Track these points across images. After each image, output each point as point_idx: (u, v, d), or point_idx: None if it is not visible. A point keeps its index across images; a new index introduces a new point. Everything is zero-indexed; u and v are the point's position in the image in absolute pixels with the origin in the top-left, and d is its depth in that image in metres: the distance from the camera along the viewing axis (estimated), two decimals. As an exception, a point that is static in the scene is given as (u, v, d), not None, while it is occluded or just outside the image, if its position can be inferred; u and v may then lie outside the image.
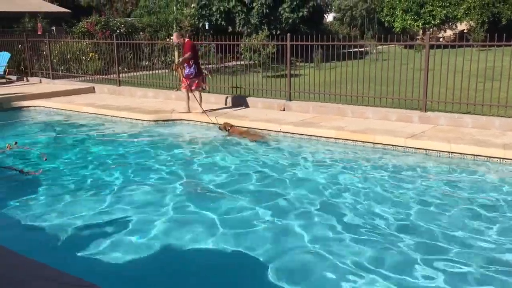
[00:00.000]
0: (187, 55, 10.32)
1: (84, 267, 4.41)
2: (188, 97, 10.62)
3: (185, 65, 10.49)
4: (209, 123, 10.03)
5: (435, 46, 9.97)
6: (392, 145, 7.96)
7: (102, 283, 3.34)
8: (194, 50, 10.62)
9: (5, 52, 16.42)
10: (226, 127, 9.47)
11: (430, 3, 31.54)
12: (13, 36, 17.12)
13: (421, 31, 32.59)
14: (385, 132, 8.36)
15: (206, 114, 10.21)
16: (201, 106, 10.53)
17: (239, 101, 11.59)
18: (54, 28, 18.54)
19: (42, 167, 7.19)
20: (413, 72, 10.04)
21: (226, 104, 11.69)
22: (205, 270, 4.48)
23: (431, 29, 30.76)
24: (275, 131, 9.28)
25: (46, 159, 7.30)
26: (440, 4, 31.33)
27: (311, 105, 10.61)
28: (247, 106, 11.38)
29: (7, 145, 4.12)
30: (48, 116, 11.86)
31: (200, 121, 10.29)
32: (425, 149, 7.67)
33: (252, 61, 15.22)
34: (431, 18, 31.70)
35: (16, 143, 3.60)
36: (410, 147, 7.79)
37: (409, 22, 32.34)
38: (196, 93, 10.65)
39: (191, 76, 10.55)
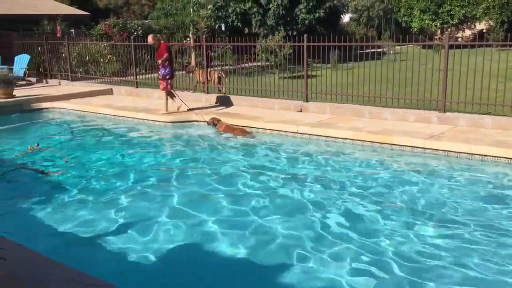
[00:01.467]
0: (165, 56, 10.69)
1: (102, 267, 4.44)
2: (173, 96, 11.10)
3: (161, 66, 10.84)
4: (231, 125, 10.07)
5: (454, 46, 9.84)
6: (411, 146, 7.87)
7: (120, 283, 3.38)
8: (170, 51, 11.07)
9: (25, 54, 16.68)
10: (214, 122, 9.71)
11: (449, 3, 31.17)
12: (33, 39, 17.37)
13: (439, 31, 32.23)
14: (403, 133, 8.28)
15: (195, 113, 10.70)
16: (167, 106, 11.00)
17: (255, 102, 11.59)
18: (73, 30, 18.76)
19: (62, 168, 7.28)
20: (432, 73, 9.90)
21: (242, 105, 11.69)
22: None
23: (449, 29, 30.39)
24: (292, 132, 9.25)
25: (67, 161, 7.40)
26: (458, 4, 30.95)
27: (328, 106, 10.56)
28: (263, 107, 11.36)
29: (29, 146, 4.19)
30: (67, 117, 12.00)
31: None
32: (445, 151, 7.57)
33: (269, 62, 15.21)
34: (449, 18, 31.32)
35: (37, 144, 3.66)
36: (429, 148, 7.69)
37: (427, 22, 32.00)
38: (164, 94, 11.04)
39: (167, 77, 10.89)
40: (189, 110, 11.12)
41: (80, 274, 3.50)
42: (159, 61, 10.83)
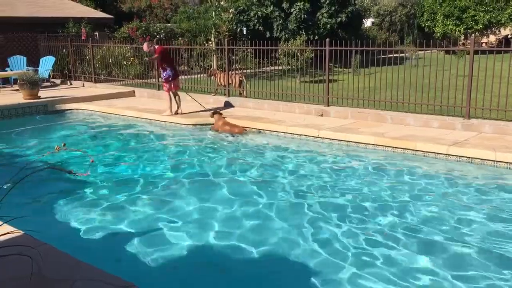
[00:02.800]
0: (155, 56, 11.15)
1: (126, 266, 4.49)
2: (170, 99, 11.32)
3: (161, 70, 11.36)
4: (252, 128, 10.10)
5: (479, 52, 9.69)
6: (434, 152, 7.76)
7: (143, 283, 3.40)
8: (167, 54, 11.51)
9: (51, 56, 16.99)
10: (215, 114, 10.07)
11: (473, 8, 30.72)
12: (58, 41, 17.69)
13: (462, 37, 31.79)
14: (427, 139, 8.17)
15: (202, 106, 11.33)
16: (179, 107, 11.32)
17: (276, 106, 11.59)
18: (97, 33, 19.01)
19: (89, 168, 7.39)
20: (456, 79, 9.77)
21: (262, 109, 11.70)
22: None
23: (473, 35, 29.96)
24: (313, 136, 9.22)
25: (93, 161, 7.56)
26: (483, 9, 30.48)
27: (350, 110, 10.49)
28: (284, 111, 11.36)
29: (56, 146, 4.27)
30: (91, 118, 12.18)
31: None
32: (469, 158, 7.45)
33: (290, 66, 15.20)
34: (473, 23, 30.86)
35: (64, 144, 3.75)
36: (453, 155, 7.58)
37: (450, 27, 31.59)
38: (174, 95, 11.35)
39: (169, 79, 11.19)
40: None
41: (103, 273, 3.55)
42: (147, 58, 11.61)
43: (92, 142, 9.70)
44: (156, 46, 11.51)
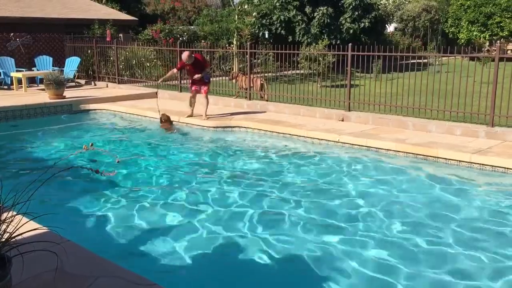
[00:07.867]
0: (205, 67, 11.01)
1: (146, 266, 4.55)
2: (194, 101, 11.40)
3: (202, 74, 10.98)
4: (272, 131, 10.18)
5: (505, 59, 9.57)
6: (457, 160, 7.68)
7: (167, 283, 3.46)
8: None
9: (76, 57, 17.31)
10: (162, 119, 10.67)
11: (499, 14, 30.28)
12: (84, 42, 18.01)
13: (487, 43, 31.35)
14: (449, 146, 8.09)
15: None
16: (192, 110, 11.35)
17: (297, 110, 11.60)
18: (121, 35, 19.30)
19: (115, 168, 7.52)
20: (480, 86, 9.65)
21: (283, 112, 11.72)
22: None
23: (498, 41, 29.51)
24: (333, 141, 9.21)
25: (118, 161, 7.69)
26: (509, 16, 30.01)
27: (371, 116, 10.45)
28: (305, 115, 11.36)
29: (83, 146, 4.41)
30: (114, 119, 12.36)
31: (258, 129, 10.38)
32: (492, 166, 7.36)
33: (311, 71, 15.21)
34: (498, 30, 30.42)
35: (92, 144, 3.86)
36: (476, 163, 7.49)
37: (475, 33, 31.20)
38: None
39: (206, 81, 11.15)
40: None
41: (126, 271, 3.62)
42: (198, 76, 10.95)
43: (117, 142, 9.83)
44: (194, 54, 11.16)
